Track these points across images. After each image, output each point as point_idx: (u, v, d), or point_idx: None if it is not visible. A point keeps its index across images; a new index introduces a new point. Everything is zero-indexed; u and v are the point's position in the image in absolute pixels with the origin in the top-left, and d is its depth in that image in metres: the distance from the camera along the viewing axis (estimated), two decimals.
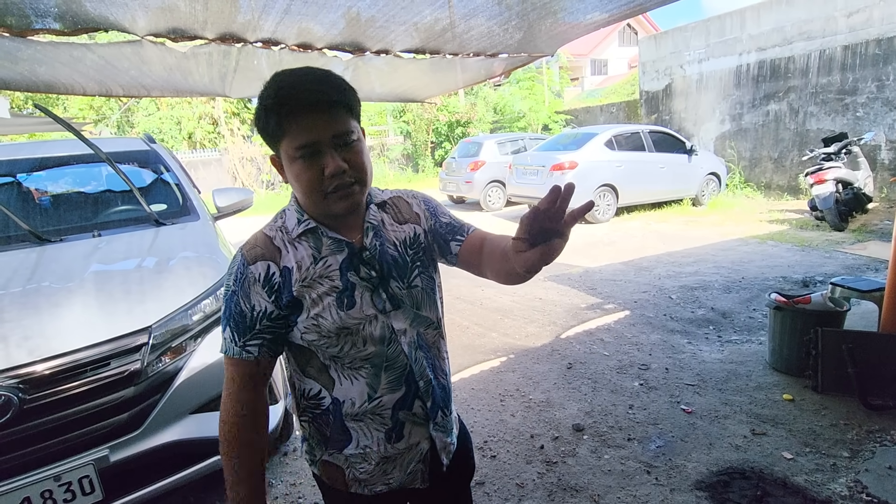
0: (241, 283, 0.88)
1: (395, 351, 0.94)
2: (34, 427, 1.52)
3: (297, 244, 0.91)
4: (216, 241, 2.40)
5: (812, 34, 8.11)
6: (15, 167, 2.71)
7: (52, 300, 1.77)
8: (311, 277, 0.89)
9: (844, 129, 7.44)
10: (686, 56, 10.30)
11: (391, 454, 0.97)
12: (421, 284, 0.98)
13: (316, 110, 0.82)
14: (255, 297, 0.87)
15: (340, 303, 0.89)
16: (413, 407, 0.97)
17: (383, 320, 0.93)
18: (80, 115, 13.76)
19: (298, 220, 0.92)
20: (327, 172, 0.83)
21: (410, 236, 0.99)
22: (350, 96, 0.86)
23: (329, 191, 0.85)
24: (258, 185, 15.19)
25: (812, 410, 2.51)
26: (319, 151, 0.83)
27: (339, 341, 0.90)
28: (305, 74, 0.84)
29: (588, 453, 2.31)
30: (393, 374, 0.95)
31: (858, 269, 4.73)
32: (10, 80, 2.78)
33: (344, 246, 0.92)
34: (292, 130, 0.82)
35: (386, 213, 1.00)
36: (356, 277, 0.91)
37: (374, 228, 0.95)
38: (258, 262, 0.88)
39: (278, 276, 0.88)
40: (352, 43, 2.63)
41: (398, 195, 1.05)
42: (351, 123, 0.86)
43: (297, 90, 0.81)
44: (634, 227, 7.41)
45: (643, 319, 3.87)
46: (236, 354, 0.89)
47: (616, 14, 2.59)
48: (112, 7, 1.87)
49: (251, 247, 0.91)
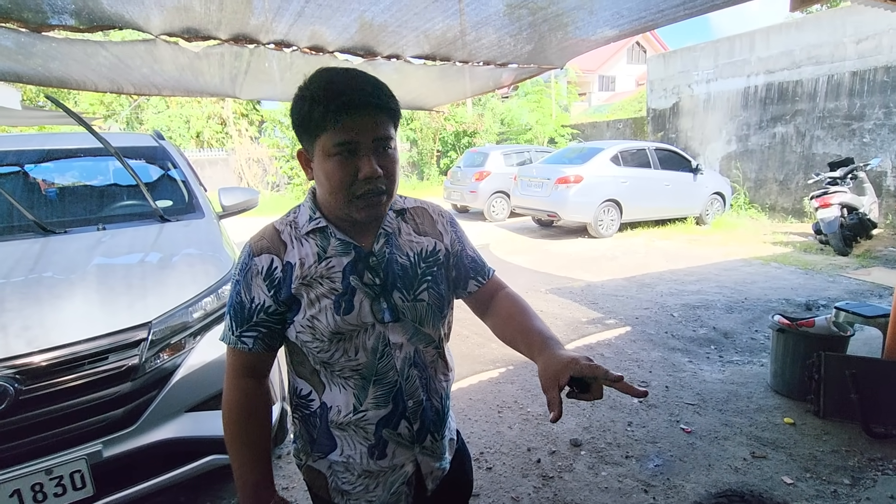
0: (244, 273, 0.89)
1: (387, 365, 0.91)
2: (28, 419, 1.51)
3: (305, 241, 0.90)
4: (220, 240, 2.39)
5: (821, 59, 8.15)
6: (23, 158, 2.72)
7: (54, 291, 1.76)
8: (312, 276, 0.87)
9: (851, 155, 7.45)
10: (694, 76, 10.36)
11: (374, 470, 0.94)
12: (428, 299, 0.94)
13: (364, 111, 0.81)
14: (255, 290, 0.88)
15: (338, 306, 0.87)
16: (398, 427, 0.93)
17: (380, 331, 0.90)
18: (91, 109, 13.88)
19: (310, 216, 0.91)
20: (361, 175, 0.82)
21: (428, 249, 0.97)
22: (396, 106, 0.86)
23: (358, 194, 0.83)
24: (263, 185, 15.27)
25: (813, 435, 2.48)
26: (357, 152, 0.82)
27: (332, 346, 0.88)
28: (357, 75, 0.84)
29: (585, 469, 2.28)
30: (381, 390, 0.91)
31: (862, 294, 4.71)
32: (23, 74, 2.81)
33: (351, 249, 0.90)
34: (337, 125, 0.80)
35: (405, 223, 0.98)
36: (358, 282, 0.89)
37: (386, 235, 0.93)
38: (262, 255, 0.88)
39: (280, 271, 0.87)
40: (363, 47, 2.65)
41: (422, 206, 1.03)
42: (392, 132, 0.86)
43: (350, 87, 0.81)
44: (638, 244, 7.40)
45: (644, 336, 3.85)
46: (231, 343, 0.90)
47: (626, 30, 2.61)
48: (128, 5, 1.88)
49: (258, 239, 0.91)
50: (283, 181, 15.50)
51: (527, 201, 8.39)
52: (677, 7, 2.25)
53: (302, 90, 0.84)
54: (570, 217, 7.84)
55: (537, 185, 8.15)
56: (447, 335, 1.03)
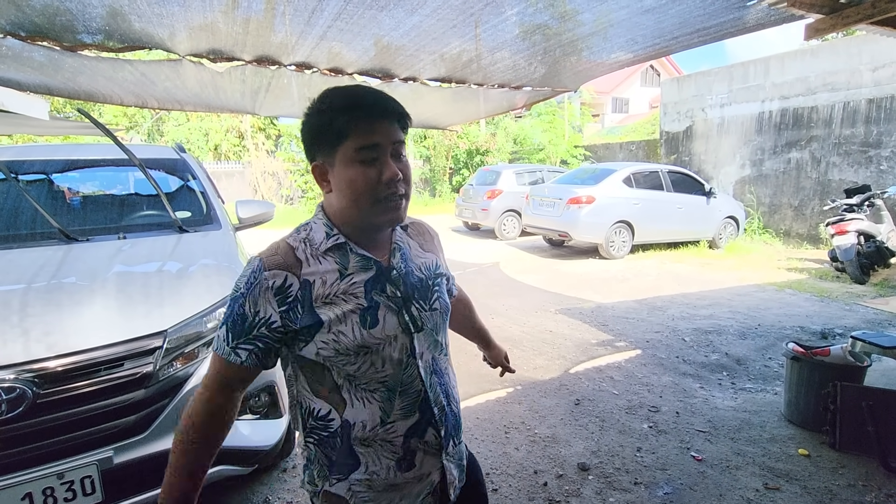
0: (251, 287, 0.87)
1: (411, 375, 0.93)
2: (43, 423, 1.54)
3: (323, 259, 0.90)
4: (236, 251, 2.44)
5: (836, 86, 8.14)
6: (49, 166, 2.81)
7: (75, 298, 1.81)
8: (334, 293, 0.88)
9: (867, 182, 7.37)
10: (708, 100, 10.38)
11: (399, 483, 0.94)
12: (439, 308, 0.99)
13: (383, 117, 0.88)
14: (262, 304, 0.86)
15: (364, 321, 0.88)
16: (426, 435, 0.95)
17: (403, 342, 0.92)
18: (115, 121, 14.29)
19: (327, 233, 0.92)
20: (385, 177, 0.86)
21: (433, 263, 1.04)
22: (406, 114, 0.93)
23: (381, 197, 0.87)
24: (278, 198, 15.49)
25: (829, 468, 2.42)
26: (378, 158, 0.87)
27: (358, 360, 0.89)
28: (367, 88, 0.92)
29: (593, 495, 2.24)
30: (407, 400, 0.93)
31: (880, 324, 4.61)
32: (53, 87, 2.93)
33: (372, 264, 0.92)
34: (360, 131, 0.85)
35: (412, 238, 1.04)
36: (381, 297, 0.91)
37: (400, 250, 0.98)
38: (275, 271, 0.87)
39: (296, 289, 0.87)
40: (381, 69, 2.72)
41: (419, 221, 1.10)
42: (404, 138, 0.92)
43: (367, 97, 0.88)
44: (649, 266, 7.35)
45: (655, 360, 3.80)
46: (224, 354, 0.88)
47: (640, 55, 2.65)
48: (158, 27, 1.97)
49: (271, 254, 0.89)
50: (297, 194, 15.72)
51: (538, 220, 8.40)
52: (692, 34, 2.29)
53: (319, 105, 0.88)
54: (582, 237, 7.82)
55: (549, 204, 8.17)
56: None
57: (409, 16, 2.00)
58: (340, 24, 2.04)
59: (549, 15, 2.11)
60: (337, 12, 1.94)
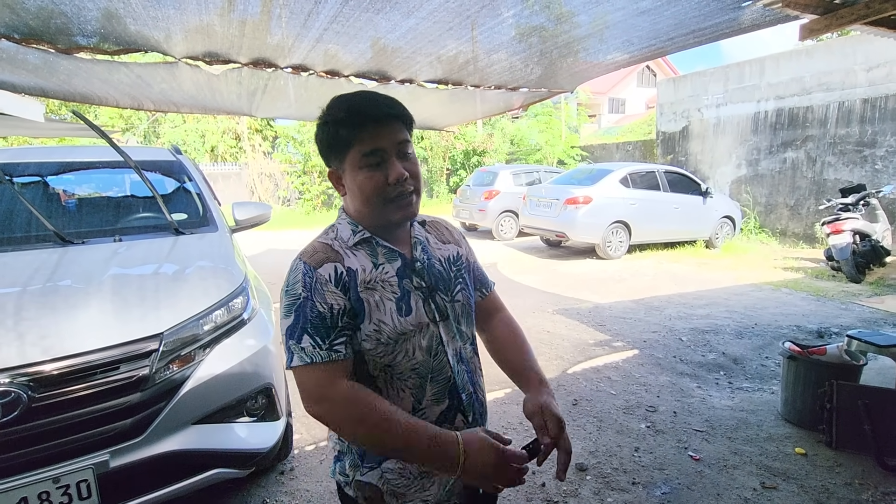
0: (311, 287, 0.89)
1: (441, 362, 0.98)
2: (39, 426, 1.53)
3: (355, 252, 0.96)
4: (232, 253, 2.43)
5: (831, 86, 8.18)
6: (44, 169, 2.80)
7: (70, 301, 1.80)
8: (373, 280, 0.93)
9: (863, 181, 7.41)
10: (704, 100, 10.42)
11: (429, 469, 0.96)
12: (462, 300, 1.03)
13: (383, 122, 0.92)
14: (331, 297, 0.89)
15: (399, 308, 0.93)
16: (455, 420, 0.99)
17: (433, 330, 0.97)
18: (110, 123, 14.24)
19: (353, 231, 0.97)
20: (391, 178, 0.91)
21: (454, 255, 1.08)
22: (408, 114, 0.97)
23: (391, 197, 0.92)
24: (275, 200, 15.46)
25: (825, 467, 2.43)
26: (384, 160, 0.91)
27: (395, 349, 0.93)
28: (369, 93, 0.95)
29: (591, 495, 2.24)
30: (437, 386, 0.97)
31: (875, 322, 4.63)
32: (48, 89, 2.92)
33: (397, 255, 0.98)
34: (362, 139, 0.90)
35: (429, 233, 1.08)
36: (410, 285, 0.96)
37: (420, 243, 1.02)
38: (325, 265, 0.92)
39: (346, 276, 0.92)
40: (378, 72, 2.72)
41: (436, 219, 1.15)
42: (408, 137, 0.96)
43: (366, 104, 0.92)
44: (646, 266, 7.36)
45: (652, 360, 3.80)
46: (325, 359, 0.86)
47: (636, 56, 2.66)
48: (153, 29, 1.97)
49: (312, 254, 0.94)
50: (294, 196, 15.70)
51: (535, 221, 8.42)
52: (687, 35, 2.30)
53: (324, 117, 0.94)
54: (579, 238, 7.84)
55: (546, 205, 8.18)
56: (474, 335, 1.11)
57: (406, 18, 2.00)
58: (336, 26, 2.04)
59: (545, 17, 2.11)
60: (333, 15, 1.93)
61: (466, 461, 0.85)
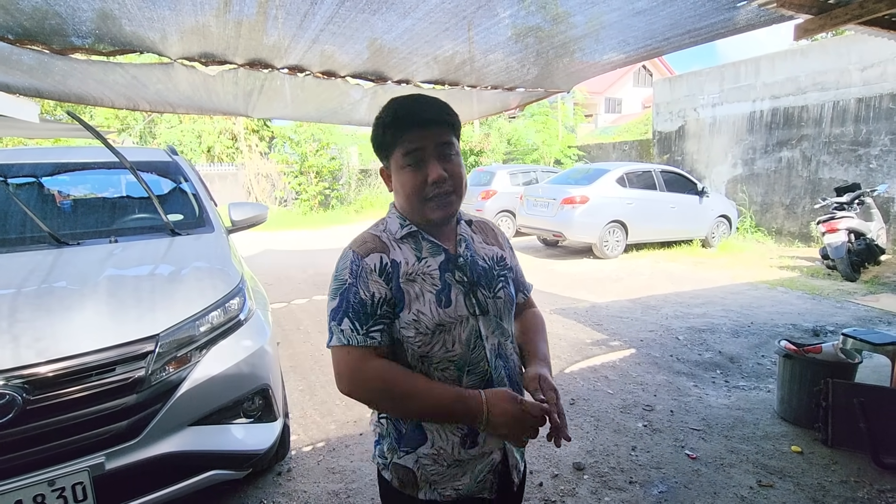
0: (357, 275, 0.96)
1: (479, 355, 1.01)
2: (34, 429, 1.52)
3: (401, 244, 1.01)
4: (228, 254, 2.43)
5: (826, 85, 8.22)
6: (39, 170, 2.78)
7: (65, 303, 1.79)
8: (415, 272, 0.99)
9: (857, 180, 7.45)
10: (700, 100, 10.46)
11: (464, 458, 1.00)
12: (503, 297, 1.07)
13: (425, 126, 0.96)
14: (374, 286, 0.95)
15: (439, 300, 0.98)
16: None
17: (472, 323, 1.00)
18: (106, 123, 14.17)
19: (401, 224, 1.03)
20: (430, 179, 0.96)
21: (497, 255, 1.13)
22: (453, 118, 1.01)
23: (429, 196, 0.97)
24: (272, 200, 15.42)
25: (821, 465, 2.44)
26: (424, 160, 0.96)
27: (433, 339, 0.97)
28: (418, 99, 1.00)
29: (588, 494, 2.25)
30: (473, 378, 1.00)
31: (870, 321, 4.66)
32: (43, 90, 2.91)
33: (441, 250, 1.03)
34: (404, 141, 0.96)
35: (475, 233, 1.13)
36: (452, 279, 1.01)
37: (465, 241, 1.07)
38: (372, 255, 0.97)
39: (390, 267, 0.97)
40: (374, 72, 2.72)
41: (483, 220, 1.20)
42: (452, 139, 1.00)
43: (411, 110, 0.97)
44: (643, 265, 7.38)
45: (649, 359, 3.82)
46: (360, 343, 0.94)
47: (632, 56, 2.67)
48: (149, 30, 1.96)
49: (361, 243, 1.00)
50: (291, 196, 15.67)
51: (532, 221, 8.42)
52: (683, 35, 2.31)
53: (377, 119, 1.00)
54: (576, 237, 7.85)
55: (543, 204, 8.19)
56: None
57: (402, 19, 2.00)
58: (333, 27, 2.04)
59: (541, 17, 2.12)
60: (329, 16, 1.93)
61: (490, 414, 0.93)
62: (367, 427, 2.86)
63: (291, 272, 7.26)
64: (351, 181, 16.17)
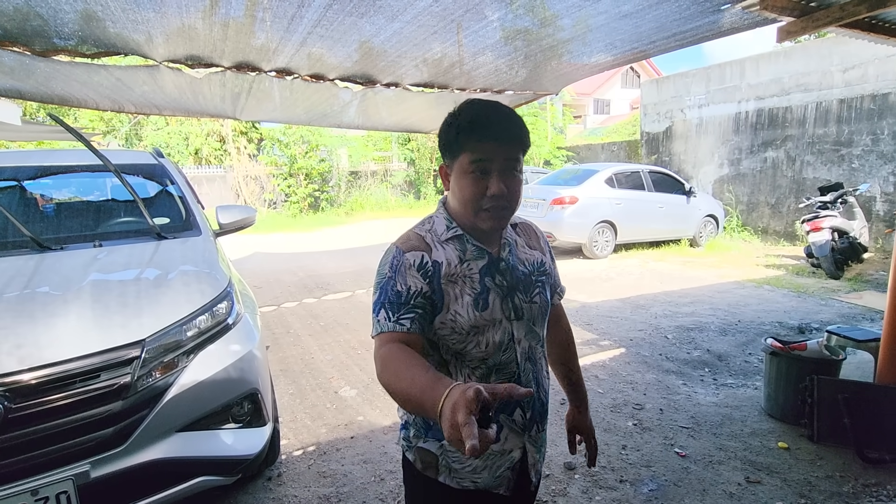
0: (397, 268, 0.98)
1: (509, 357, 1.04)
2: (16, 438, 1.49)
3: (445, 246, 1.03)
4: (216, 257, 2.40)
5: (809, 86, 8.37)
6: (20, 173, 2.73)
7: (48, 309, 1.76)
8: (456, 274, 1.01)
9: (840, 179, 7.59)
10: (687, 101, 10.58)
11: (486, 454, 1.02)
12: (539, 302, 1.10)
13: (498, 141, 0.97)
14: (411, 279, 0.97)
15: (476, 304, 1.00)
16: (514, 413, 1.05)
17: (506, 326, 1.03)
18: (91, 125, 13.95)
19: (447, 226, 1.05)
20: (490, 192, 0.98)
21: (538, 261, 1.15)
22: (526, 136, 1.02)
23: (485, 207, 0.99)
24: (261, 203, 15.29)
25: (807, 460, 2.48)
26: (488, 172, 0.98)
27: (467, 339, 1.00)
28: (499, 110, 1.00)
29: (579, 493, 2.26)
30: (502, 378, 1.04)
31: (854, 318, 4.74)
32: (25, 91, 2.86)
33: (485, 254, 1.05)
34: (476, 148, 0.97)
35: (519, 236, 1.16)
36: (492, 283, 1.03)
37: (509, 245, 1.10)
38: (413, 252, 1.00)
39: (430, 266, 0.99)
40: (363, 75, 2.71)
41: (528, 223, 1.23)
42: (520, 156, 1.01)
43: (491, 121, 0.97)
44: (632, 265, 7.45)
45: (638, 358, 3.85)
46: (389, 329, 0.95)
47: (619, 58, 2.69)
48: (133, 32, 1.93)
49: (405, 240, 1.03)
50: (280, 198, 15.55)
51: None
52: (669, 38, 2.33)
53: (451, 118, 1.01)
54: (566, 238, 7.89)
55: (533, 205, 8.22)
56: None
57: (390, 22, 2.00)
58: (321, 30, 2.03)
59: (529, 20, 2.13)
60: (317, 18, 1.92)
61: (444, 405, 0.72)
62: (357, 430, 2.84)
63: (281, 275, 7.20)
64: (341, 183, 16.09)
